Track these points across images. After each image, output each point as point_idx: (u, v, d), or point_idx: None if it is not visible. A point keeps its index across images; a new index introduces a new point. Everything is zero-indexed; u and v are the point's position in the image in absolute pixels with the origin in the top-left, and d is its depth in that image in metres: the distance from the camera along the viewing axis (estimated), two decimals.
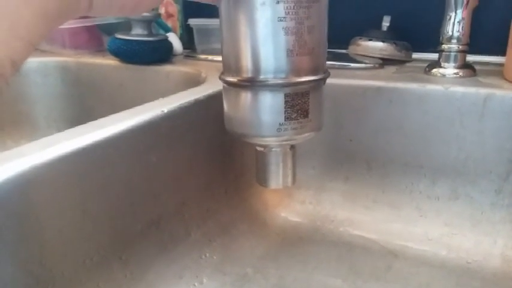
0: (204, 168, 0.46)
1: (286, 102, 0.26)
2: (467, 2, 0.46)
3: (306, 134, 0.28)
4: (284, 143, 0.29)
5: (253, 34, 0.25)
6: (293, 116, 0.27)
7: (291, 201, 0.52)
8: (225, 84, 0.28)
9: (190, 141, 0.43)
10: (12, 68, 0.16)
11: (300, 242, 0.47)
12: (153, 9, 0.65)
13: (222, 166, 0.49)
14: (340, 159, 0.52)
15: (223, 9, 0.26)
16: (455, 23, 0.48)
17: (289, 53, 0.25)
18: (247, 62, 0.26)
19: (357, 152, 0.51)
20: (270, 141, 0.28)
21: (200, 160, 0.45)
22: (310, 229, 0.49)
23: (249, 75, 0.26)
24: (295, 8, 0.24)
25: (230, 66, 0.27)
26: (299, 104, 0.27)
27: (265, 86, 0.26)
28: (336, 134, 0.52)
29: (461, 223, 0.46)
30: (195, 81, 0.58)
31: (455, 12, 0.47)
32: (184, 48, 0.73)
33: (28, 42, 0.16)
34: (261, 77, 0.26)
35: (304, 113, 0.27)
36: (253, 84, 0.26)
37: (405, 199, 0.49)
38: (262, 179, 0.31)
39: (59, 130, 0.84)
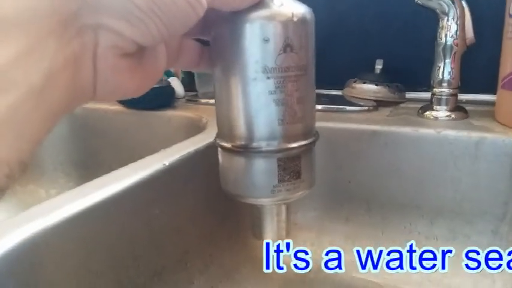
0: (206, 216, 0.47)
1: (279, 166, 0.28)
2: (455, 52, 0.48)
3: (300, 193, 0.29)
4: (278, 202, 0.30)
5: (246, 106, 0.26)
6: (286, 178, 0.28)
7: (293, 244, 0.52)
8: (219, 148, 0.30)
9: (191, 191, 0.44)
10: (20, 168, 0.16)
11: (303, 285, 0.48)
12: None
13: (223, 212, 0.50)
14: (340, 201, 0.53)
15: (216, 80, 0.28)
16: (445, 71, 0.49)
17: (280, 122, 0.27)
18: (240, 131, 0.27)
19: (356, 193, 0.52)
20: (265, 202, 0.29)
21: (202, 208, 0.46)
22: (312, 271, 0.50)
23: (243, 142, 0.27)
24: (284, 82, 0.26)
25: (224, 132, 0.29)
26: (291, 166, 0.28)
27: (258, 152, 0.27)
28: (335, 175, 0.53)
29: (460, 264, 0.46)
30: (196, 126, 0.60)
31: (444, 62, 0.49)
32: (186, 90, 0.75)
33: (36, 142, 0.17)
34: (254, 144, 0.27)
35: (297, 175, 0.28)
36: (246, 150, 0.27)
37: (405, 239, 0.49)
38: (257, 233, 0.32)
39: (65, 173, 0.85)
